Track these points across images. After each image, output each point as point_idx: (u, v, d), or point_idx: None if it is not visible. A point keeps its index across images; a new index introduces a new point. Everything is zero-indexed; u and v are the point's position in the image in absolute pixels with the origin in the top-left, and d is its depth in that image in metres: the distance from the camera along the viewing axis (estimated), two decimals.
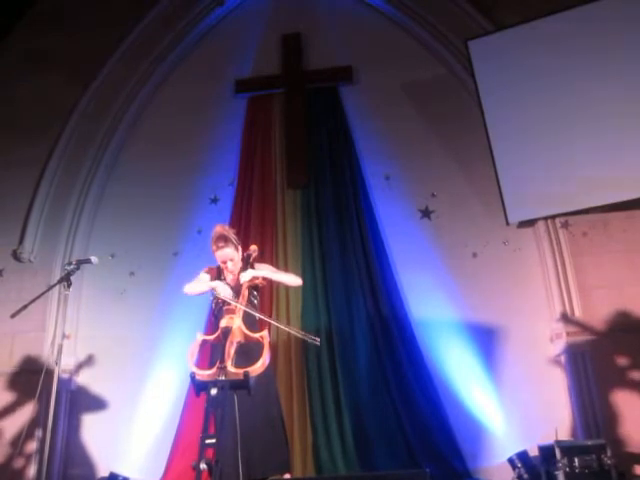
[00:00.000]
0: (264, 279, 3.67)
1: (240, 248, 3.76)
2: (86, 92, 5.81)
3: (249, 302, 3.54)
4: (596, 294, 4.66)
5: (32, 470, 4.64)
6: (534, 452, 3.93)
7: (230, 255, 3.66)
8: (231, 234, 3.70)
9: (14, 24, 6.23)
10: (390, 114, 5.55)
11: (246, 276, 3.49)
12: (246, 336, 3.23)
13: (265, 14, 6.11)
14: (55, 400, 3.47)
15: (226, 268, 3.71)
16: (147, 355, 5.10)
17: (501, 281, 4.93)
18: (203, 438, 2.67)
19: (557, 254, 4.83)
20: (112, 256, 5.45)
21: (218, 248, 3.66)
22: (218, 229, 3.70)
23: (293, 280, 3.84)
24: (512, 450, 4.08)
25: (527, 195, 4.88)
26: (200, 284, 3.65)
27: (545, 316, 4.79)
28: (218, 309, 3.56)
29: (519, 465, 3.92)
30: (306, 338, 3.36)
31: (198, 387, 2.94)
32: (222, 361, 2.96)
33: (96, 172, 5.66)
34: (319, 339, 3.36)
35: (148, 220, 5.53)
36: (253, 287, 3.64)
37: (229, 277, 3.73)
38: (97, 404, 5.05)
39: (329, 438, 4.55)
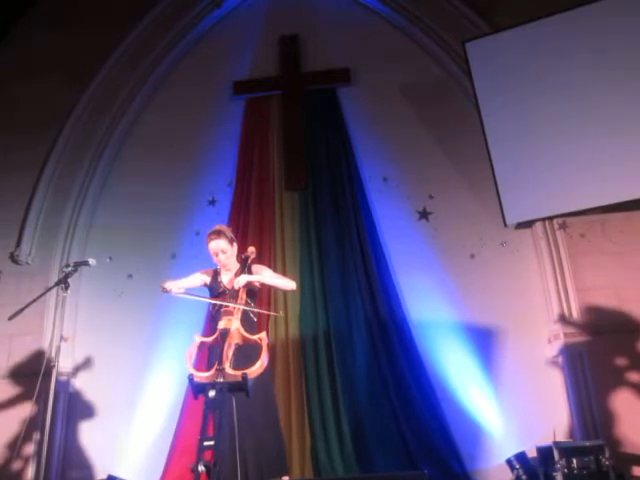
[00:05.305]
0: (260, 283, 3.68)
1: (235, 244, 3.77)
2: (84, 93, 5.79)
3: (246, 303, 3.53)
4: (594, 295, 4.66)
5: (30, 472, 4.61)
6: (532, 453, 3.92)
7: (221, 246, 3.67)
8: (225, 228, 3.77)
9: (14, 24, 6.22)
10: (388, 116, 5.56)
11: (241, 281, 3.48)
12: (244, 338, 3.23)
13: (263, 16, 6.10)
14: (53, 402, 3.47)
15: (219, 262, 3.71)
16: (145, 357, 5.09)
17: (499, 282, 4.93)
18: (201, 440, 2.68)
19: (555, 255, 4.83)
20: (110, 258, 5.43)
21: (210, 240, 3.70)
22: (215, 227, 3.78)
23: (288, 284, 3.80)
24: (510, 451, 4.06)
25: (525, 196, 4.88)
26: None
27: (543, 317, 4.80)
28: (216, 311, 3.56)
29: (517, 466, 3.91)
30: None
31: (196, 389, 2.95)
32: (220, 363, 2.97)
33: (94, 174, 5.64)
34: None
35: (146, 222, 5.52)
36: (250, 289, 3.64)
37: (226, 277, 3.73)
38: (95, 406, 5.03)
39: (327, 440, 4.55)
